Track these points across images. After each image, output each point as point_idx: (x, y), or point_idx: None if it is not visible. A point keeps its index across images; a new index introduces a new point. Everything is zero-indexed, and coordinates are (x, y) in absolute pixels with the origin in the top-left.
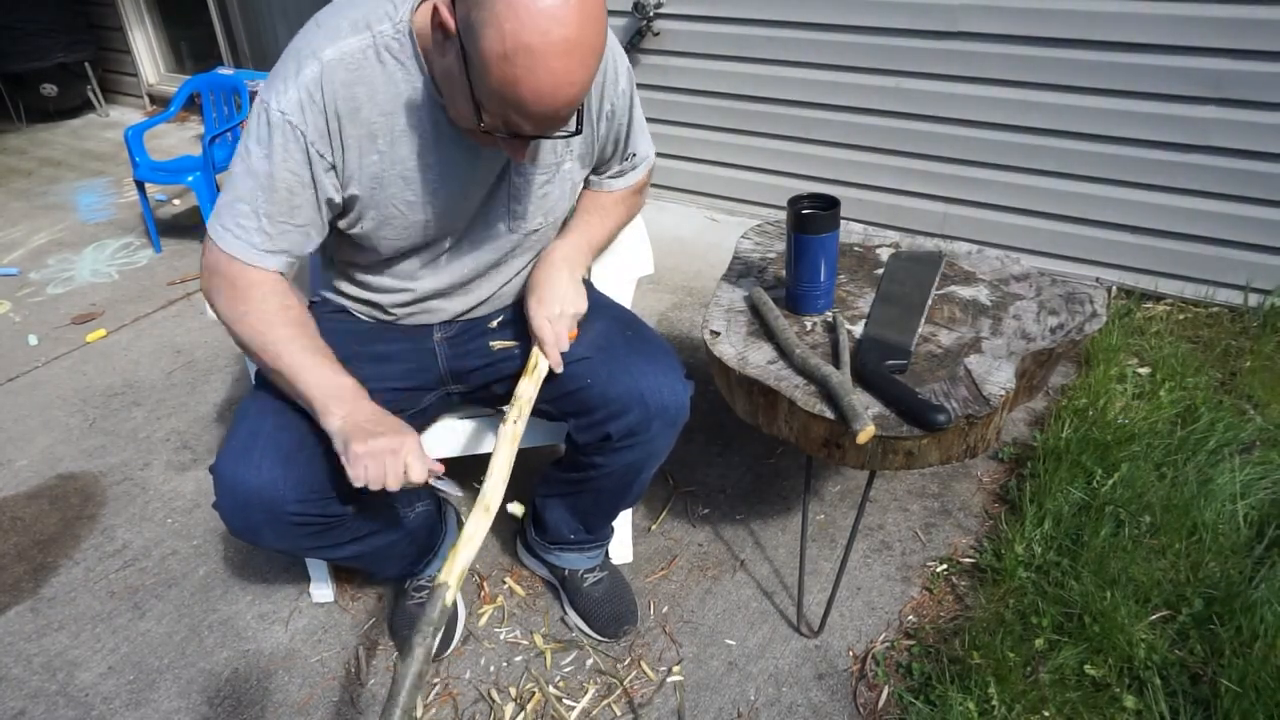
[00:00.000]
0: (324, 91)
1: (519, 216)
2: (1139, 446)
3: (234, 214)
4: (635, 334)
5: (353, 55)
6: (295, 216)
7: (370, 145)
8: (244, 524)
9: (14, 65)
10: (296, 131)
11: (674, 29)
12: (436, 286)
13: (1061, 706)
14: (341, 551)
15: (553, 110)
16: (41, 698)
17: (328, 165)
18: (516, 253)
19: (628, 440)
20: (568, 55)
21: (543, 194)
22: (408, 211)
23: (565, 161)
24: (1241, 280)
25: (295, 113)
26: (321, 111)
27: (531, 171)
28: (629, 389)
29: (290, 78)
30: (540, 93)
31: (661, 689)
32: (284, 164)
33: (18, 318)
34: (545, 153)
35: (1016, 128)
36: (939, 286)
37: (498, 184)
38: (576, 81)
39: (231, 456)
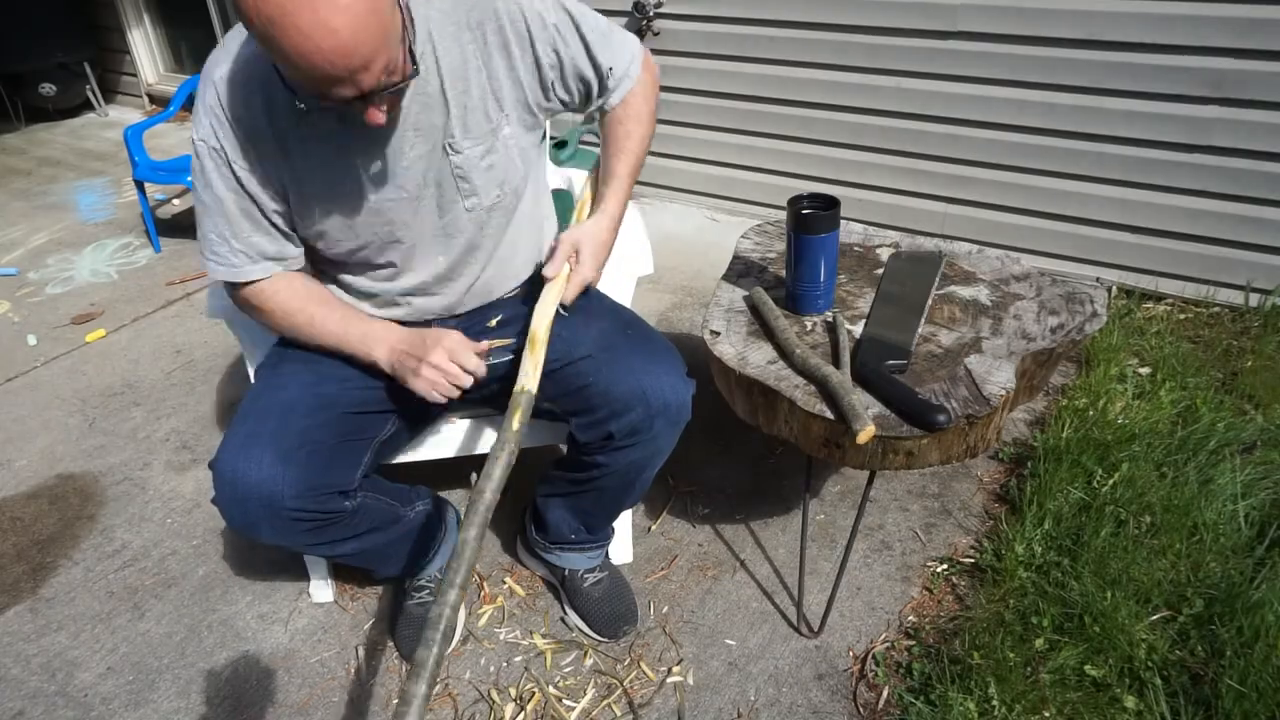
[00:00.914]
0: (225, 107)
1: (471, 194)
2: (1139, 446)
3: (209, 245)
4: (637, 333)
5: (243, 68)
6: (258, 227)
7: (284, 149)
8: (243, 519)
9: (14, 65)
10: (218, 154)
11: (674, 29)
12: (416, 282)
13: (1062, 707)
14: (340, 549)
15: (332, 66)
16: (41, 698)
17: (257, 178)
18: (486, 231)
19: (630, 439)
20: (311, 8)
21: (487, 165)
22: (342, 212)
23: (503, 127)
24: (1242, 280)
25: (210, 137)
26: (229, 129)
27: (467, 146)
28: (631, 387)
29: (200, 105)
30: (304, 52)
31: (661, 689)
32: (223, 185)
33: (17, 318)
34: (476, 122)
35: (1016, 128)
36: (939, 286)
37: (436, 167)
38: (339, 27)
39: (231, 452)
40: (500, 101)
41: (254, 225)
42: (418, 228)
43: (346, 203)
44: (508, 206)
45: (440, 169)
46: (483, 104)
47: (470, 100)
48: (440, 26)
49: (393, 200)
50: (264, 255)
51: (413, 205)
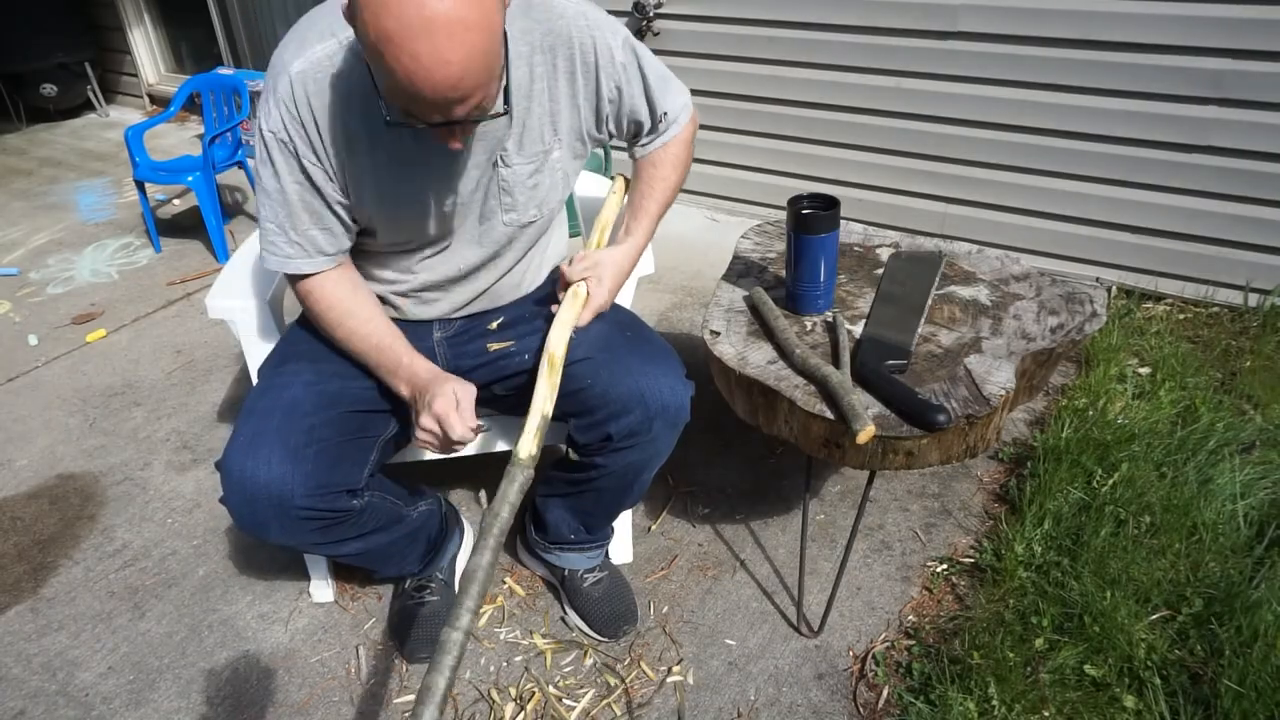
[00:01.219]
0: (297, 104)
1: (511, 209)
2: (1139, 446)
3: (267, 236)
4: (636, 334)
5: (319, 63)
6: (319, 221)
7: (352, 148)
8: (252, 519)
9: (14, 65)
10: (287, 147)
11: (674, 29)
12: (434, 279)
13: (1061, 706)
14: (345, 548)
15: (435, 94)
16: (41, 697)
17: (324, 172)
18: (513, 246)
19: (629, 441)
20: (429, 36)
21: (533, 184)
22: (399, 209)
23: (554, 150)
24: (1241, 280)
25: (280, 129)
26: (299, 123)
27: (518, 162)
28: (630, 389)
29: (270, 97)
30: (413, 77)
31: (661, 689)
32: (289, 177)
33: (18, 318)
34: (531, 141)
35: (1016, 128)
36: (939, 286)
37: (486, 177)
38: (453, 60)
39: (239, 451)
40: (556, 126)
41: (313, 219)
42: (458, 231)
43: (405, 202)
44: (540, 228)
45: (490, 179)
46: (540, 125)
47: (530, 119)
48: (514, 45)
49: (448, 205)
50: (319, 250)
51: (461, 209)
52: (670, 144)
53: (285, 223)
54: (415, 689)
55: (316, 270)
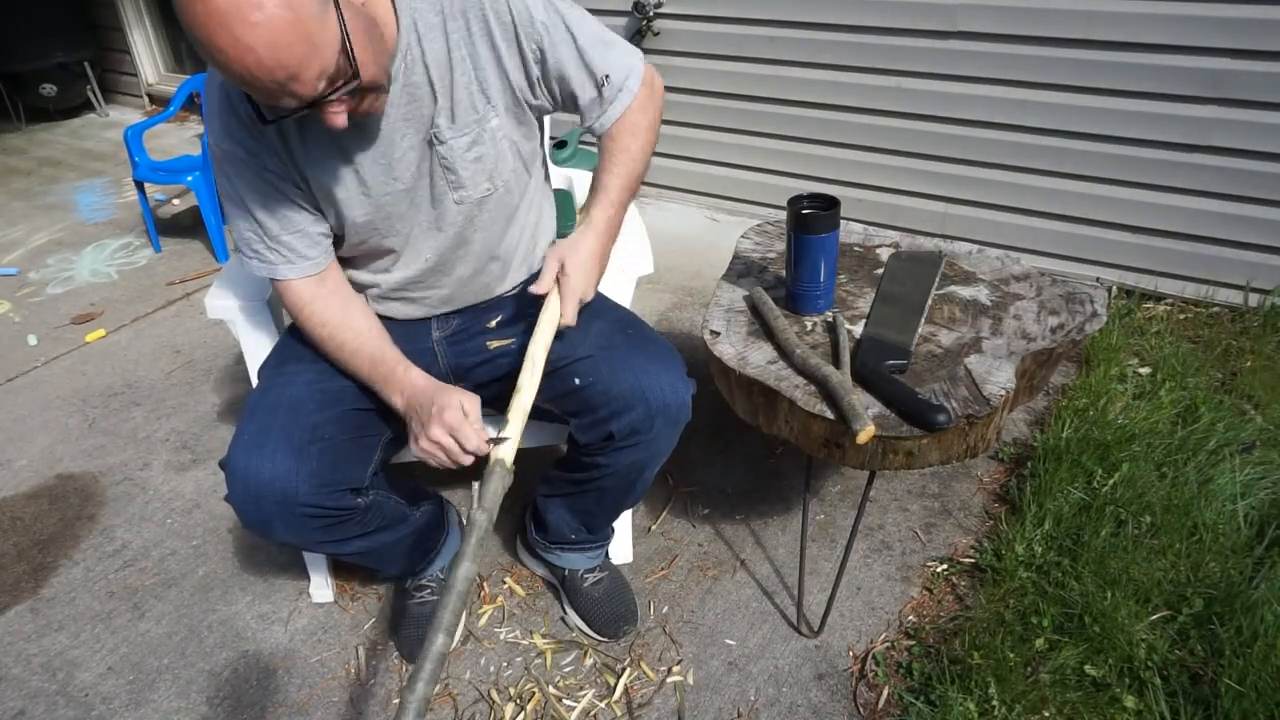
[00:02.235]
0: (232, 110)
1: (459, 186)
2: (1139, 446)
3: (246, 244)
4: (636, 333)
5: None
6: (287, 226)
7: (288, 147)
8: (257, 516)
9: (14, 65)
10: (235, 154)
11: (674, 29)
12: (410, 274)
13: (1062, 706)
14: (349, 547)
15: (258, 82)
16: (41, 698)
17: (275, 173)
18: (477, 225)
19: (631, 439)
20: (225, 28)
21: (475, 156)
22: (342, 205)
23: (490, 119)
24: (1241, 280)
25: (224, 139)
26: (243, 127)
27: (451, 136)
28: (631, 387)
29: (212, 111)
30: (233, 73)
31: (661, 689)
32: (246, 186)
33: (17, 318)
34: (463, 112)
35: (1016, 128)
36: (939, 286)
37: (425, 159)
38: (255, 45)
39: (244, 449)
40: (486, 93)
41: (282, 225)
42: (413, 219)
43: (349, 196)
44: (501, 201)
45: (428, 160)
46: (468, 94)
47: (456, 91)
48: (424, 17)
49: (389, 193)
50: (299, 255)
51: (409, 196)
52: (624, 115)
53: (259, 229)
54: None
55: (303, 275)
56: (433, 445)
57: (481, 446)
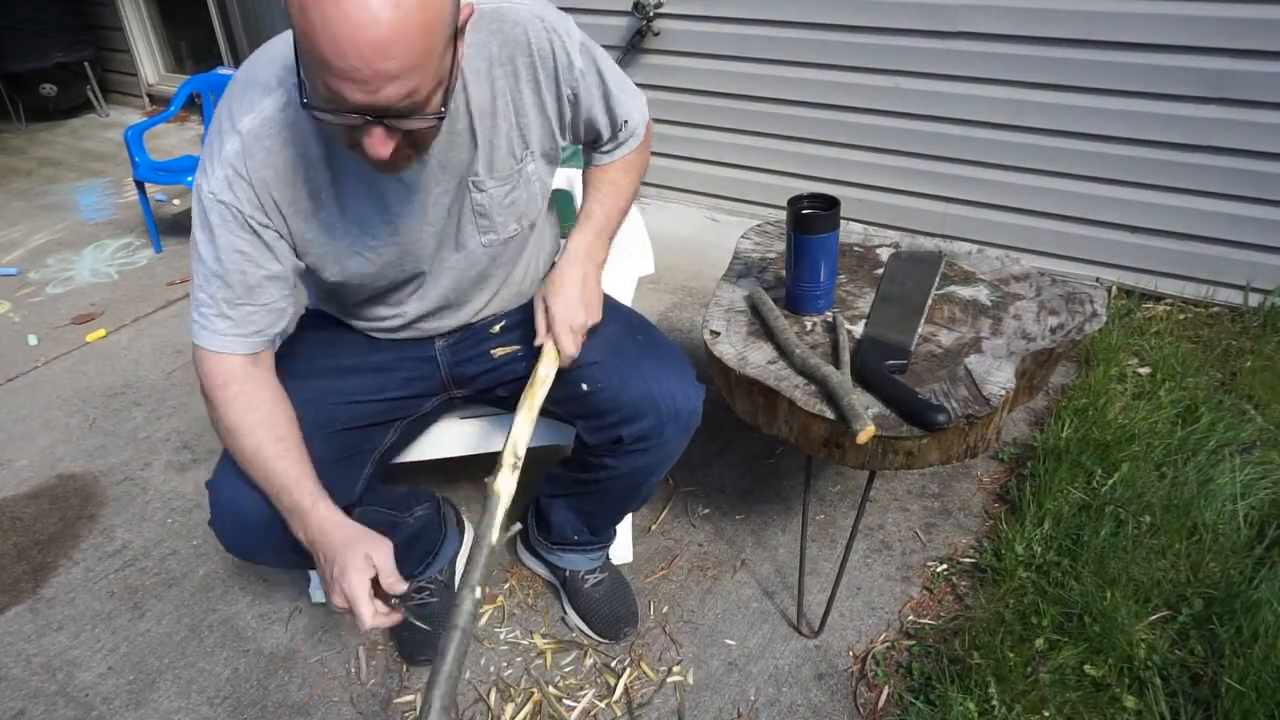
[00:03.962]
0: (247, 165)
1: (490, 230)
2: (1139, 446)
3: (197, 306)
4: (646, 338)
5: (272, 119)
6: (255, 296)
7: (315, 203)
8: (241, 544)
9: (14, 65)
10: (231, 209)
11: (674, 29)
12: (424, 310)
13: (1061, 706)
14: None
15: (359, 58)
16: (41, 698)
17: (275, 233)
18: (499, 262)
19: (640, 444)
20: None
21: (509, 202)
22: (373, 255)
23: (527, 164)
24: (1241, 280)
25: (225, 191)
26: (249, 185)
27: (491, 185)
28: (642, 393)
29: (215, 157)
30: (336, 37)
31: (661, 689)
32: (228, 245)
33: (18, 318)
34: (502, 161)
35: (1016, 128)
36: (939, 286)
37: (458, 203)
38: (382, 19)
39: (228, 475)
40: (527, 139)
41: (248, 293)
42: (437, 258)
43: (377, 245)
44: (523, 239)
45: (462, 204)
46: (508, 143)
47: (497, 139)
48: (471, 63)
49: (419, 236)
50: (255, 330)
51: (436, 238)
52: (633, 149)
53: (218, 293)
54: (415, 689)
55: (238, 353)
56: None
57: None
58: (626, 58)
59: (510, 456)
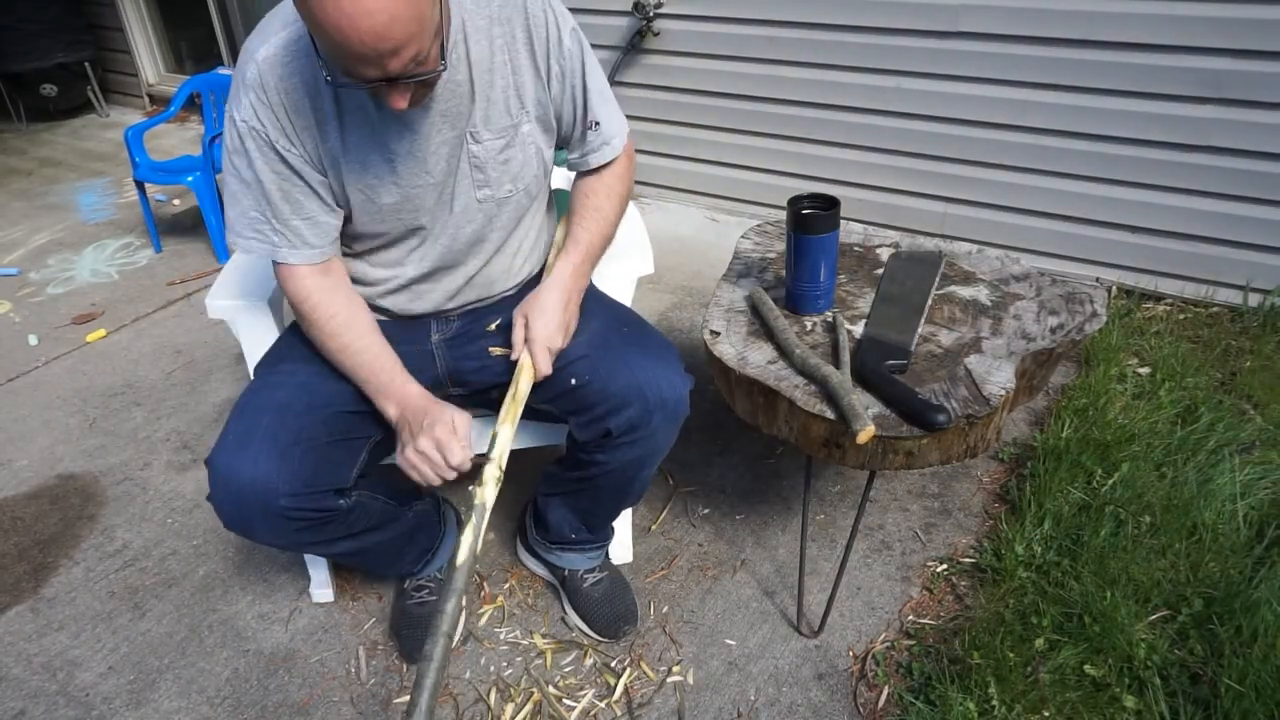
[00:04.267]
0: (266, 91)
1: (485, 185)
2: (1139, 446)
3: (249, 224)
4: (632, 330)
5: (284, 49)
6: (299, 211)
7: (322, 132)
8: (238, 517)
9: (14, 65)
10: (258, 134)
11: (674, 29)
12: (424, 269)
13: (1061, 706)
14: (337, 548)
15: (363, 46)
16: (41, 697)
17: (299, 156)
18: (495, 225)
19: (629, 435)
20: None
21: (504, 159)
22: (373, 194)
23: (523, 124)
24: (1241, 280)
25: (252, 117)
26: (270, 109)
27: (487, 137)
28: (628, 383)
29: (239, 84)
30: (340, 28)
31: (661, 689)
32: (265, 167)
33: (18, 318)
34: (498, 115)
35: (1016, 128)
36: (939, 286)
37: (456, 155)
38: (375, 10)
39: (227, 450)
40: (522, 99)
41: (294, 209)
42: (437, 213)
43: (378, 185)
44: (519, 204)
45: (460, 156)
46: (504, 99)
47: (494, 94)
48: (473, 19)
49: (419, 186)
50: (304, 242)
51: (436, 190)
52: (605, 173)
53: (265, 210)
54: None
55: (304, 262)
56: (418, 457)
57: (465, 462)
58: (626, 58)
59: (495, 470)
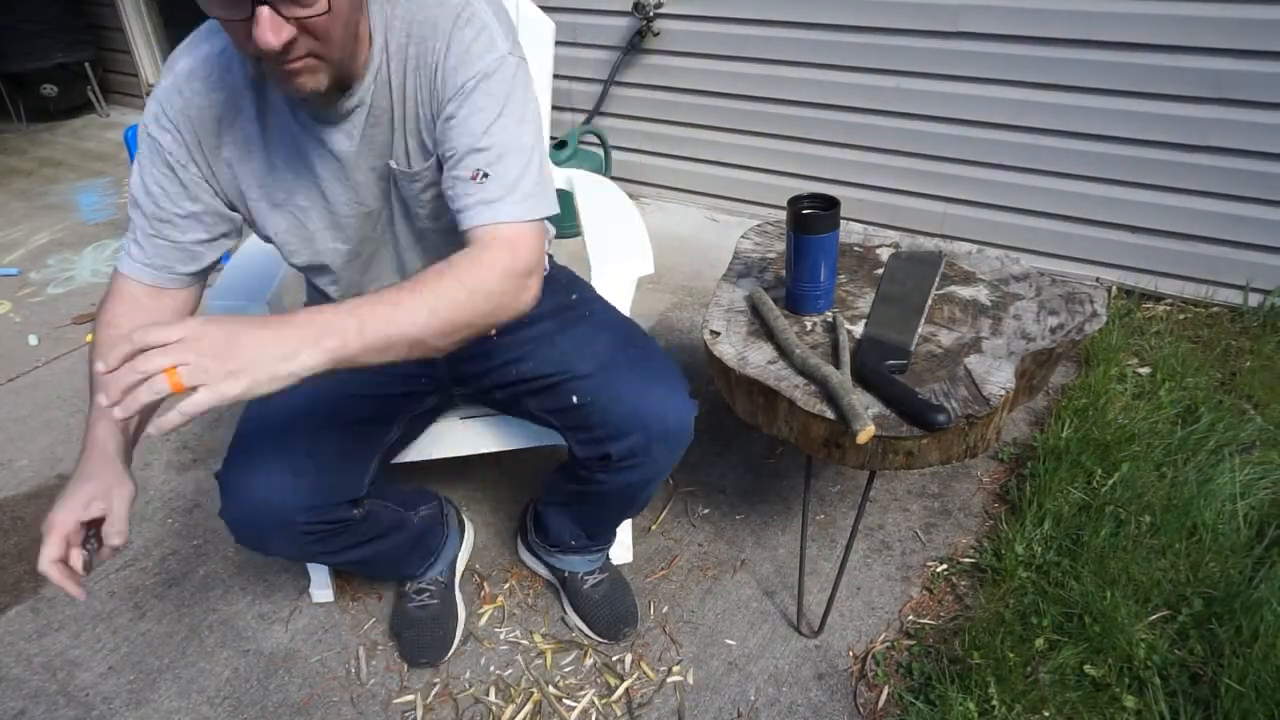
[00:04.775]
0: (174, 102)
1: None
2: (1139, 446)
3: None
4: (638, 350)
5: (207, 61)
6: (167, 232)
7: (245, 150)
8: (253, 534)
9: (14, 65)
10: (155, 144)
11: (674, 29)
12: None
13: (1061, 706)
14: (347, 556)
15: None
16: (41, 698)
17: (196, 174)
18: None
19: (628, 461)
20: None
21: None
22: (304, 217)
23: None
24: (1241, 280)
25: (154, 125)
26: (175, 124)
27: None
28: (631, 411)
29: (154, 93)
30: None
31: (661, 689)
32: (151, 178)
33: (18, 318)
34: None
35: (1016, 128)
36: (939, 286)
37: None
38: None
39: (238, 466)
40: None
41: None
42: (377, 242)
43: (309, 209)
44: None
45: (390, 188)
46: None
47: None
48: (397, 36)
49: (353, 215)
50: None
51: (372, 220)
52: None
53: (136, 219)
54: (415, 689)
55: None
56: None
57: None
58: (626, 58)
59: None
